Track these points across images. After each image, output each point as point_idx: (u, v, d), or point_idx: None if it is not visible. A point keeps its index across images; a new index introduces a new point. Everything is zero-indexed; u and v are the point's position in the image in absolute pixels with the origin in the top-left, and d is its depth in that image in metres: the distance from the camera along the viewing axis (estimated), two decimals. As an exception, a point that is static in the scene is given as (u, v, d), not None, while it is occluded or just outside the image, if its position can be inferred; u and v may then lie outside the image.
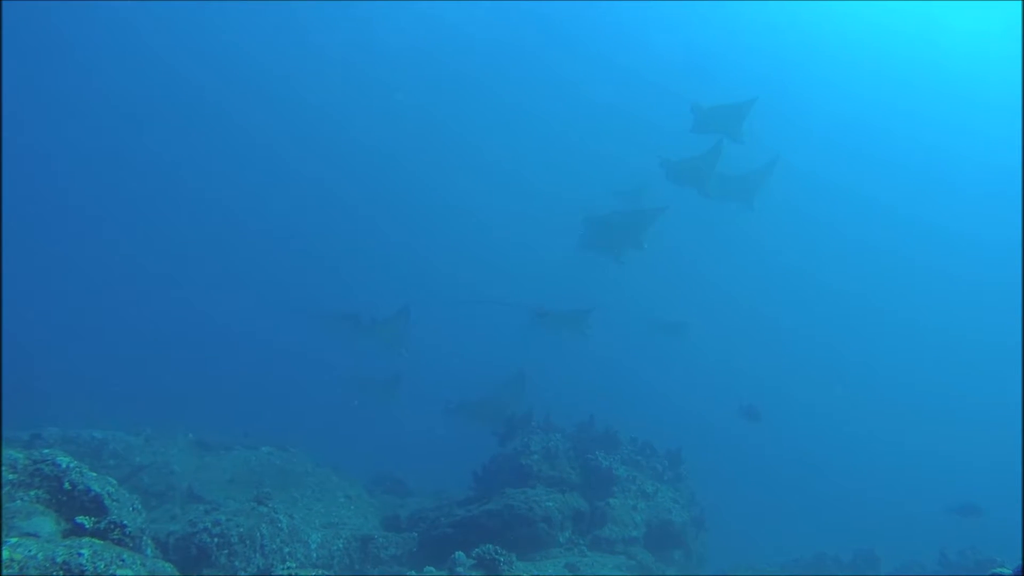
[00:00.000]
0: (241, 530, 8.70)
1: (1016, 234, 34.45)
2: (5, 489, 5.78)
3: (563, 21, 35.94)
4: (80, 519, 5.76)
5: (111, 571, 5.32)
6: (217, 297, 31.75)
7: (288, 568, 7.50)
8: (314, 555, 9.61)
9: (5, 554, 4.96)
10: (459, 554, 8.35)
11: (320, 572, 7.16)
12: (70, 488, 5.96)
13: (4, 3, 26.89)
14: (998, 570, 5.11)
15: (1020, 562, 4.87)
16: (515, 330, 22.31)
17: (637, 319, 25.57)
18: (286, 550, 9.20)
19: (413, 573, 8.11)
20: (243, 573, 8.43)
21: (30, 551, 5.09)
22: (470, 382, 17.28)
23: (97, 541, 5.58)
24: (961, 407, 31.93)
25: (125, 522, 6.02)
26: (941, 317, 37.72)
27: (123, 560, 5.50)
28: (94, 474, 6.36)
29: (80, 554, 5.22)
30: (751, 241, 37.84)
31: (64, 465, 6.09)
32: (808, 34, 35.87)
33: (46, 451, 6.27)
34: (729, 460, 22.73)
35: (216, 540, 8.43)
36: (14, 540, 5.16)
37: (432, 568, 8.16)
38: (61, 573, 5.05)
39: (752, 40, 35.80)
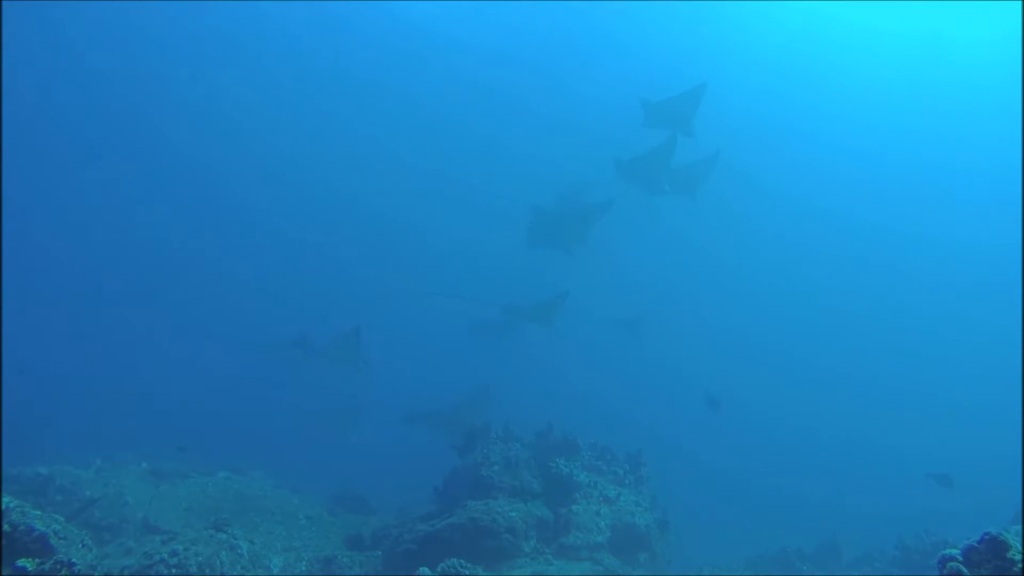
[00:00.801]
0: (200, 559, 8.53)
1: (1015, 238, 35.01)
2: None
3: (506, 29, 35.89)
4: (22, 562, 5.55)
5: (58, 613, 5.16)
6: (165, 321, 31.22)
7: (249, 595, 7.37)
8: (277, 579, 9.48)
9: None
10: (423, 570, 8.26)
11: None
12: (10, 530, 5.76)
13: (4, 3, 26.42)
14: (948, 551, 5.25)
15: (967, 542, 5.02)
16: (470, 340, 22.36)
17: (588, 319, 25.67)
18: (248, 576, 9.04)
19: (377, 592, 8.01)
20: (204, 603, 8.25)
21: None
22: (427, 395, 17.23)
23: (43, 583, 5.41)
24: (918, 402, 32.70)
25: (74, 560, 5.84)
26: (911, 318, 38.60)
27: (72, 600, 5.34)
28: (38, 512, 6.17)
29: (22, 599, 5.05)
30: (734, 246, 38.65)
31: (3, 506, 5.88)
32: (802, 45, 36.05)
33: (-17, 493, 6.05)
34: (690, 460, 22.97)
35: (174, 571, 8.24)
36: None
37: (396, 586, 8.07)
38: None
39: (739, 54, 35.83)
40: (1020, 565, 4.70)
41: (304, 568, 10.29)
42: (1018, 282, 32.90)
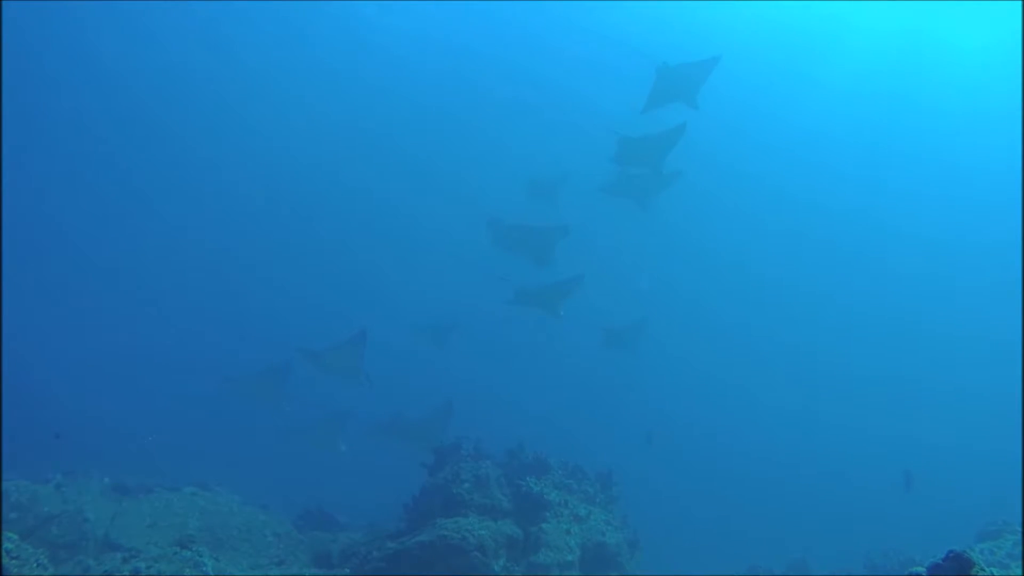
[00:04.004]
0: (162, 577, 8.33)
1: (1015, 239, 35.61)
2: None
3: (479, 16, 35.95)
4: (-28, 582, 5.39)
5: (9, 636, 5.00)
6: (133, 331, 30.78)
7: (212, 615, 7.21)
8: (242, 598, 9.31)
9: None
10: (391, 589, 8.16)
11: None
12: (-41, 550, 5.57)
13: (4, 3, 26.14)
14: (915, 569, 5.28)
15: (933, 560, 5.06)
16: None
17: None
18: (212, 595, 8.85)
19: (344, 612, 7.88)
20: (166, 623, 8.06)
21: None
22: (395, 405, 17.02)
23: (-7, 604, 5.24)
24: (902, 406, 33.07)
25: (27, 579, 5.66)
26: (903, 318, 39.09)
27: (24, 622, 5.17)
28: (-9, 530, 5.97)
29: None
30: (737, 251, 38.92)
31: (-45, 523, 5.71)
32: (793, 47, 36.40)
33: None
34: (662, 479, 22.98)
35: (135, 590, 8.05)
36: None
37: (363, 605, 7.94)
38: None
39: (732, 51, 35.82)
40: (984, 584, 4.74)
41: (270, 586, 10.12)
42: (1018, 286, 33.48)
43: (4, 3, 26.33)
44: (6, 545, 5.78)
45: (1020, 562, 9.61)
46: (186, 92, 35.45)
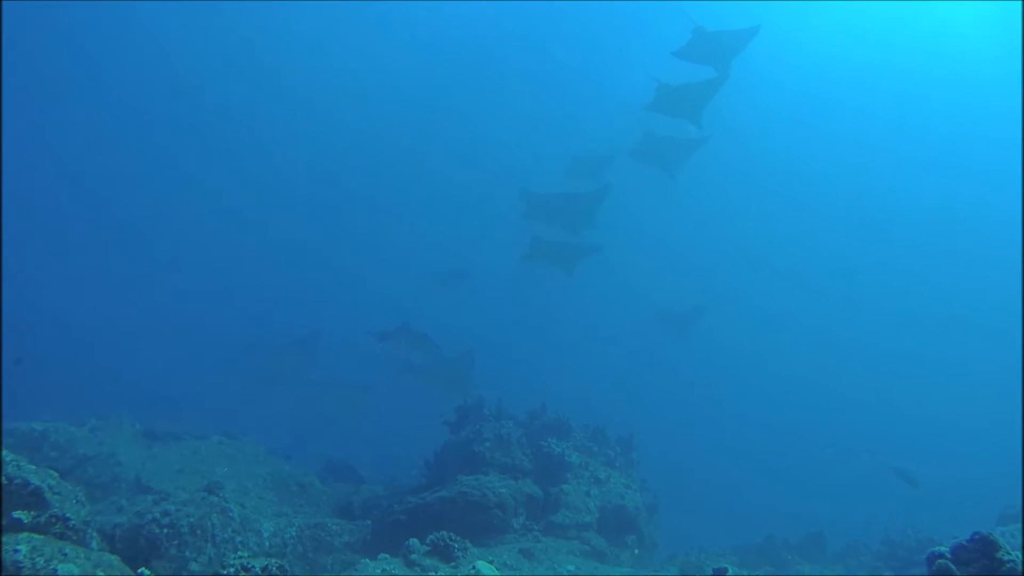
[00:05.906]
0: (191, 520, 8.59)
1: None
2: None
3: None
4: (17, 514, 5.58)
5: (52, 567, 5.18)
6: (169, 286, 31.31)
7: (240, 557, 7.38)
8: (267, 543, 9.54)
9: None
10: (413, 541, 8.29)
11: (273, 560, 7.06)
12: (6, 483, 5.77)
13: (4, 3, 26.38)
14: (937, 548, 5.29)
15: (956, 541, 5.06)
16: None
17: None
18: (238, 539, 9.12)
19: (367, 560, 8.05)
20: (194, 563, 8.31)
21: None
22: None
23: (36, 536, 5.42)
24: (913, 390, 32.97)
25: (68, 515, 5.85)
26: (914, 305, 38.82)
27: (65, 554, 5.36)
28: (33, 467, 6.16)
29: (17, 550, 5.07)
30: (749, 229, 38.77)
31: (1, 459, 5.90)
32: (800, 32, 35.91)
33: (-22, 446, 6.05)
34: (683, 446, 23.07)
35: (165, 531, 8.31)
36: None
37: (386, 555, 8.10)
38: (-5, 573, 4.90)
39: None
40: (1008, 565, 4.74)
41: (294, 533, 10.33)
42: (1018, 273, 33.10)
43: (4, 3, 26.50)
44: (48, 481, 5.98)
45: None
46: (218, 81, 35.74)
